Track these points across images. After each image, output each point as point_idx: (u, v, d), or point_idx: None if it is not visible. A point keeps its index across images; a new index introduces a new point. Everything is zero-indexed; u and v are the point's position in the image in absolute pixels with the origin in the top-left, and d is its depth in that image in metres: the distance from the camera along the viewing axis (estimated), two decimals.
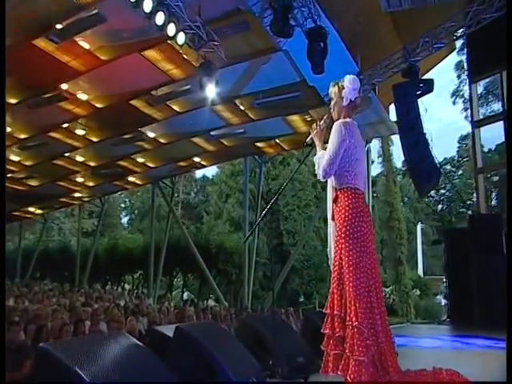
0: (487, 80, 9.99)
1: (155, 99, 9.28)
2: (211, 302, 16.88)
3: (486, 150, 14.71)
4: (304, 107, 9.91)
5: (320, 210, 14.93)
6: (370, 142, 11.99)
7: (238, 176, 21.38)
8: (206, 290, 18.42)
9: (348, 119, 2.46)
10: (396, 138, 12.27)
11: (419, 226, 22.72)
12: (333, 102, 2.55)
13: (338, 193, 2.42)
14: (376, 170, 20.31)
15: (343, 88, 2.51)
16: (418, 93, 7.52)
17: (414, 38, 8.05)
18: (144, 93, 9.08)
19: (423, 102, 7.47)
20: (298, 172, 19.77)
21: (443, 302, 13.99)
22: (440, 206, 23.32)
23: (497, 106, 16.30)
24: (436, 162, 7.58)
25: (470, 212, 15.67)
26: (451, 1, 7.45)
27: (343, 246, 2.28)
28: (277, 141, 12.18)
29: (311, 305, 17.69)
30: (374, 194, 18.49)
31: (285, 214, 19.69)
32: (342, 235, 2.29)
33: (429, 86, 7.78)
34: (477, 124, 8.54)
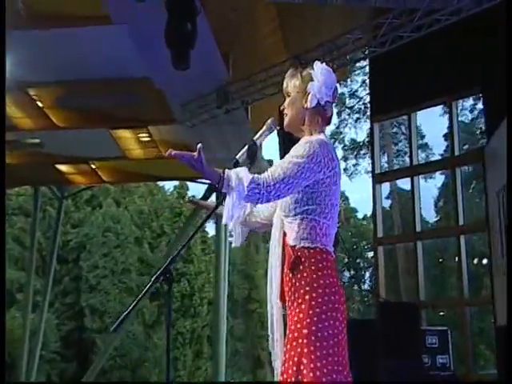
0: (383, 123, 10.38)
1: None
2: None
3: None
4: (141, 120, 9.09)
5: (146, 279, 13.66)
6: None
7: (16, 215, 18.86)
8: None
9: (322, 137, 2.07)
10: None
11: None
12: (288, 101, 2.18)
13: (297, 254, 2.04)
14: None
15: (310, 80, 2.13)
16: None
17: (308, 47, 7.89)
18: None
19: None
20: (115, 219, 18.47)
21: None
22: None
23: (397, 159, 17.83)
24: None
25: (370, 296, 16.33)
26: (360, 3, 7.30)
27: (307, 349, 1.93)
28: (92, 166, 10.98)
29: None
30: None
31: (90, 281, 17.81)
32: (306, 332, 1.94)
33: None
34: (378, 178, 8.43)
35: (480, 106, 13.13)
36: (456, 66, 7.54)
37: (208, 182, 2.54)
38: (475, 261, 13.51)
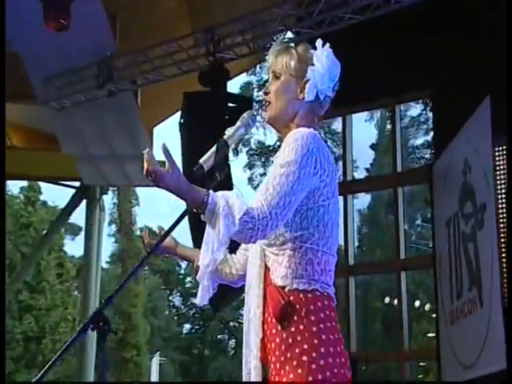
0: None
1: None
2: None
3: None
4: None
5: None
6: (101, 196, 10.63)
7: None
8: None
9: (313, 130, 1.91)
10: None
11: (155, 360, 21.95)
12: (276, 86, 1.99)
13: (289, 299, 1.81)
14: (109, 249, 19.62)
15: (311, 63, 1.94)
16: (227, 118, 6.65)
17: (222, 18, 7.43)
18: None
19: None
20: None
21: None
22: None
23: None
24: None
25: None
26: None
27: None
28: None
29: None
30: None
31: None
32: None
33: (245, 107, 6.80)
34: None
35: (427, 113, 12.94)
36: (404, 64, 7.13)
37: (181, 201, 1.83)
38: (417, 303, 13.32)
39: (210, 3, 8.57)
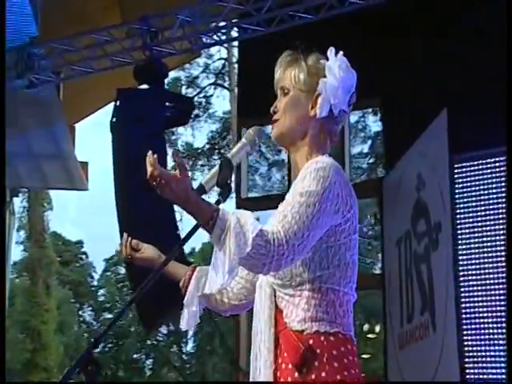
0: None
1: None
2: None
3: None
4: None
5: None
6: (11, 199, 10.33)
7: None
8: None
9: (331, 159, 1.87)
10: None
11: None
12: (284, 102, 1.94)
13: (309, 344, 1.76)
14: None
15: (322, 75, 1.91)
16: (168, 115, 6.72)
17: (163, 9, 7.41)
18: None
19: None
20: None
21: None
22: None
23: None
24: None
25: None
26: None
27: None
28: None
29: None
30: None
31: None
32: None
33: (186, 108, 6.82)
34: (242, 204, 7.78)
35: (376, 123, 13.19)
36: (356, 69, 7.25)
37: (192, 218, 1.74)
38: (365, 327, 13.43)
39: None
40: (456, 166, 5.50)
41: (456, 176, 5.43)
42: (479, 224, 5.19)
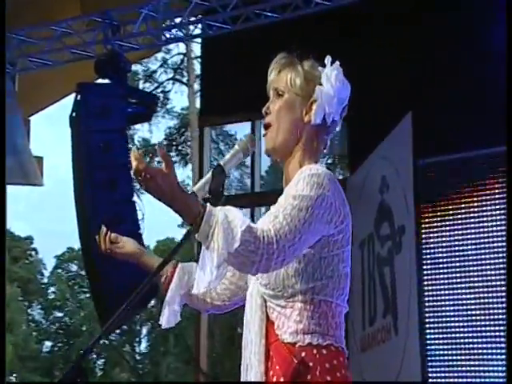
0: None
1: None
2: None
3: None
4: None
5: None
6: None
7: None
8: None
9: (324, 167, 1.87)
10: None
11: None
12: (278, 105, 1.92)
13: (301, 357, 1.75)
14: None
15: (318, 82, 1.91)
16: (131, 111, 6.63)
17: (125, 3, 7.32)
18: None
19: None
20: None
21: None
22: None
23: None
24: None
25: None
26: None
27: None
28: None
29: None
30: None
31: None
32: None
33: (149, 105, 6.75)
34: None
35: None
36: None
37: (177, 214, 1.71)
38: None
39: None
40: (420, 169, 5.57)
41: (420, 180, 5.49)
42: (444, 228, 5.26)
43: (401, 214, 5.73)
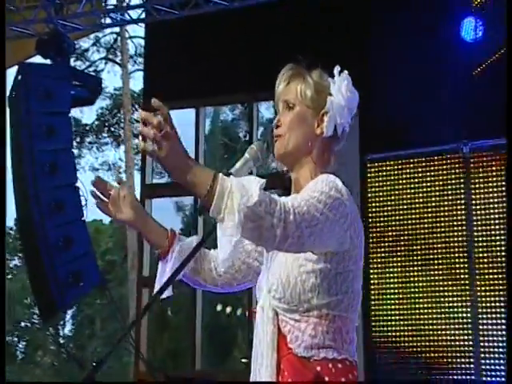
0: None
1: None
2: None
3: None
4: None
5: None
6: None
7: None
8: None
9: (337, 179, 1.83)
10: None
11: None
12: (290, 117, 1.91)
13: (317, 371, 1.74)
14: None
15: (328, 93, 1.90)
16: (74, 93, 6.45)
17: None
18: None
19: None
20: None
21: None
22: None
23: None
24: (94, 257, 6.37)
25: None
26: None
27: None
28: None
29: None
30: None
31: None
32: None
33: (93, 88, 6.57)
34: (147, 192, 7.43)
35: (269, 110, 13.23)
36: (267, 59, 7.22)
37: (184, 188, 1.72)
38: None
39: None
40: (367, 165, 5.64)
41: (369, 175, 5.56)
42: (391, 223, 5.36)
43: None
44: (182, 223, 15.95)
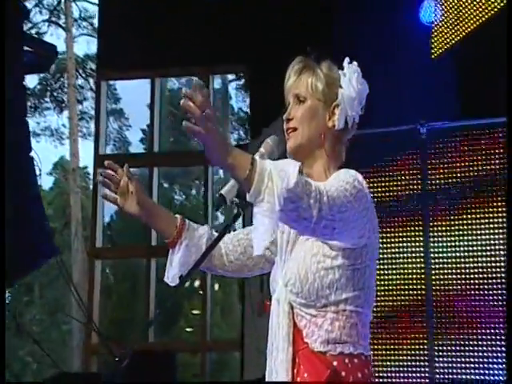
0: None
1: None
2: None
3: None
4: None
5: None
6: None
7: None
8: None
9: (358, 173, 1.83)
10: None
11: None
12: (302, 111, 1.90)
13: (334, 366, 1.74)
14: None
15: (338, 85, 1.90)
16: (26, 60, 6.21)
17: None
18: None
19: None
20: None
21: None
22: None
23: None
24: (48, 224, 6.28)
25: None
26: None
27: None
28: None
29: None
30: None
31: None
32: None
33: (48, 54, 6.41)
34: (101, 161, 7.38)
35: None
36: (225, 33, 7.16)
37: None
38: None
39: None
40: None
41: None
42: None
43: None
44: None
